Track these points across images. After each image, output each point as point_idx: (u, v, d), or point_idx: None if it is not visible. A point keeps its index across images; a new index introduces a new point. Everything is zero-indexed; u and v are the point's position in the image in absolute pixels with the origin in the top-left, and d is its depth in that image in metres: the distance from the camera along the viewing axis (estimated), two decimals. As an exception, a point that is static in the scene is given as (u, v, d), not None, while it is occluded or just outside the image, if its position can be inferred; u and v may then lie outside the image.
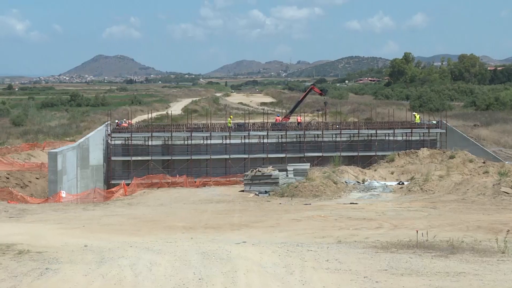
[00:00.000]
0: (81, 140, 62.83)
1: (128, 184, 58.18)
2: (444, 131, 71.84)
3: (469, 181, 47.57)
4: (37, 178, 57.28)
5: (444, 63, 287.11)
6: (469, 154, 57.41)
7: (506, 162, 55.85)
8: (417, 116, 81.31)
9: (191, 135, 70.36)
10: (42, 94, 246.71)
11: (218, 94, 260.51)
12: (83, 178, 58.15)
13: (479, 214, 34.76)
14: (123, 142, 67.79)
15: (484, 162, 54.19)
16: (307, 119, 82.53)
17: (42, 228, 31.73)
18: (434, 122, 76.29)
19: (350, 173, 52.68)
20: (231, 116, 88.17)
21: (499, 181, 46.11)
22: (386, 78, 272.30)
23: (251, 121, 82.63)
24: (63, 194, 52.09)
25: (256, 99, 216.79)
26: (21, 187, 54.35)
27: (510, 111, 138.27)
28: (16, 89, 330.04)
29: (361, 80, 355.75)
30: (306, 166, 55.39)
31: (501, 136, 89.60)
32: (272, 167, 55.37)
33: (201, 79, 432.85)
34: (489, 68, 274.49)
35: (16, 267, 17.29)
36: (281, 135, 71.06)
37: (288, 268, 16.66)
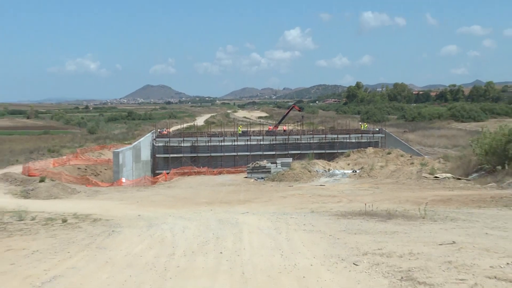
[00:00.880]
0: (135, 143, 63.07)
1: (167, 173, 58.60)
2: (383, 135, 72.87)
3: (401, 169, 47.77)
4: (105, 169, 57.45)
5: (383, 89, 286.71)
6: (400, 151, 57.79)
7: (426, 156, 56.19)
8: (365, 125, 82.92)
9: (210, 139, 71.30)
10: (108, 111, 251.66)
11: (228, 111, 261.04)
12: (136, 169, 58.44)
13: (407, 192, 34.72)
14: (164, 144, 68.24)
15: (411, 157, 54.50)
16: (290, 127, 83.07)
17: (109, 204, 31.69)
18: (377, 129, 77.19)
19: (320, 164, 52.80)
20: (240, 126, 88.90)
21: (421, 169, 46.29)
22: (344, 99, 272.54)
23: (252, 129, 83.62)
24: (123, 180, 52.39)
25: (255, 114, 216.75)
26: (95, 175, 54.40)
27: (428, 121, 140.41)
28: (91, 108, 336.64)
29: (327, 100, 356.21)
30: (289, 160, 55.58)
31: (422, 139, 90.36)
32: (266, 161, 55.74)
33: (217, 101, 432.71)
34: (414, 92, 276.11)
35: (92, 229, 17.25)
36: (272, 139, 71.63)
37: (277, 229, 16.62)
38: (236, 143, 70.12)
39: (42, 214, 21.72)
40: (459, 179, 40.60)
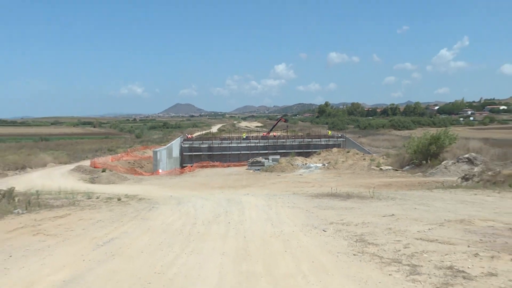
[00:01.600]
0: (168, 144, 62.64)
1: (191, 166, 58.77)
2: (344, 139, 72.26)
3: (356, 163, 47.73)
4: (147, 163, 57.13)
5: (344, 106, 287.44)
6: (356, 151, 57.49)
7: (374, 154, 56.05)
8: (330, 132, 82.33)
9: (221, 142, 70.60)
10: (149, 122, 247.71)
11: (234, 122, 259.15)
12: (169, 163, 58.07)
13: (361, 179, 34.76)
14: (188, 145, 67.64)
15: (363, 154, 54.30)
16: (278, 134, 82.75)
17: (150, 188, 31.76)
18: (339, 135, 76.49)
19: (299, 160, 52.70)
20: (244, 133, 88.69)
21: (370, 163, 46.24)
22: (316, 114, 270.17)
23: (251, 135, 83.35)
24: (160, 171, 52.15)
25: (254, 124, 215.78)
26: (140, 167, 54.25)
27: (375, 129, 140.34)
28: (137, 120, 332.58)
29: (304, 114, 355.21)
30: (278, 157, 55.44)
31: (371, 142, 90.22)
32: (261, 158, 55.62)
33: (226, 115, 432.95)
34: (365, 109, 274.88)
35: (138, 205, 17.24)
36: (266, 142, 71.12)
37: (269, 206, 16.60)
38: (240, 144, 69.61)
39: (104, 195, 21.82)
40: (397, 170, 40.89)
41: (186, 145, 68.23)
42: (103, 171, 42.62)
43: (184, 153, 66.51)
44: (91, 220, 13.23)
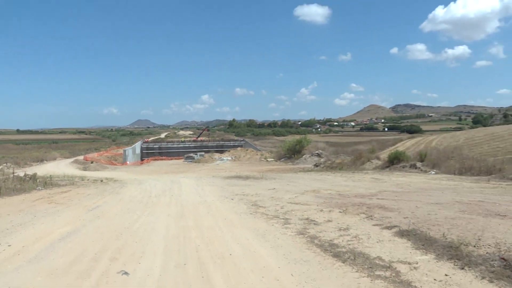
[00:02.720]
0: (133, 145, 59.80)
1: (147, 159, 56.41)
2: (245, 142, 72.14)
3: (252, 157, 47.87)
4: (120, 158, 53.78)
5: (245, 121, 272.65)
6: (252, 149, 57.59)
7: (263, 151, 56.36)
8: (235, 137, 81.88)
9: (167, 143, 68.64)
10: (122, 132, 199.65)
11: (175, 131, 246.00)
12: (134, 157, 55.30)
13: (255, 167, 35.11)
14: (146, 146, 64.93)
15: (257, 152, 54.72)
16: (204, 138, 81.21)
17: (122, 173, 30.18)
18: (241, 139, 76.62)
19: (217, 155, 52.02)
20: (182, 138, 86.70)
21: (261, 157, 46.69)
22: (228, 126, 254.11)
23: (187, 139, 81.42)
24: (128, 162, 49.72)
25: (188, 133, 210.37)
26: (115, 160, 51.57)
27: (264, 136, 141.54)
28: (114, 130, 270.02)
29: (220, 126, 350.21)
30: (203, 153, 54.33)
31: (261, 143, 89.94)
32: (192, 154, 54.32)
33: (170, 126, 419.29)
34: (258, 123, 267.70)
35: (114, 184, 16.36)
36: (195, 144, 70.00)
37: (198, 185, 16.36)
38: (179, 145, 67.83)
39: (92, 178, 20.60)
40: (277, 161, 41.70)
41: (144, 146, 65.52)
42: (92, 162, 41.83)
43: (143, 151, 63.67)
44: (84, 194, 12.90)
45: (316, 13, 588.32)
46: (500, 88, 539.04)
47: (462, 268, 4.18)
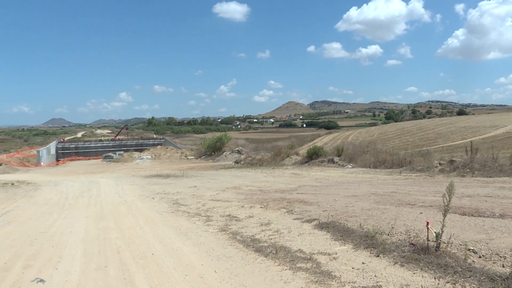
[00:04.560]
0: (47, 146, 54.17)
1: (63, 160, 52.12)
2: (164, 140, 69.97)
3: (173, 155, 46.80)
4: (33, 159, 48.60)
5: (164, 119, 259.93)
6: (172, 147, 56.47)
7: (183, 149, 55.35)
8: (155, 136, 78.76)
9: (84, 143, 63.71)
10: (34, 131, 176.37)
11: (93, 130, 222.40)
12: (48, 158, 50.21)
13: (176, 165, 34.53)
14: (62, 146, 59.29)
15: (177, 149, 53.76)
16: (122, 137, 76.99)
17: (35, 175, 27.26)
18: (161, 137, 74.03)
19: (136, 154, 49.85)
20: (101, 137, 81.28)
21: (181, 155, 45.80)
22: (147, 124, 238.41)
23: (105, 138, 76.55)
24: (42, 164, 45.04)
25: (106, 131, 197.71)
26: (28, 162, 46.54)
27: (184, 133, 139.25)
28: (25, 129, 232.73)
29: (139, 124, 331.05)
30: (122, 152, 51.75)
31: (181, 141, 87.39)
32: (111, 153, 51.44)
33: (87, 125, 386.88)
34: (177, 120, 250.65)
35: (26, 187, 14.86)
36: (114, 142, 65.92)
37: (117, 184, 15.64)
38: (97, 144, 63.28)
39: (1, 181, 18.42)
40: (197, 158, 41.40)
41: (60, 146, 59.86)
42: (0, 165, 37.05)
43: (59, 151, 58.11)
44: (-8, 199, 11.66)
45: (235, 10, 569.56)
46: (408, 86, 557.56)
47: (378, 256, 4.32)
